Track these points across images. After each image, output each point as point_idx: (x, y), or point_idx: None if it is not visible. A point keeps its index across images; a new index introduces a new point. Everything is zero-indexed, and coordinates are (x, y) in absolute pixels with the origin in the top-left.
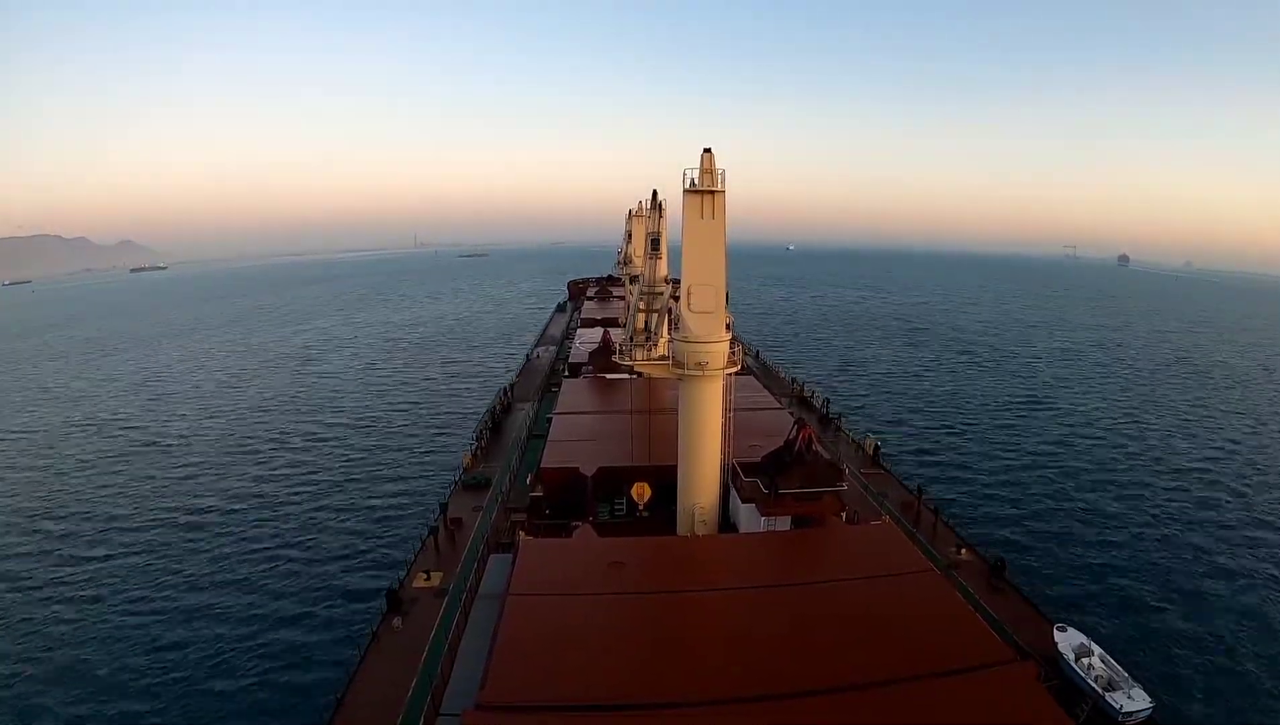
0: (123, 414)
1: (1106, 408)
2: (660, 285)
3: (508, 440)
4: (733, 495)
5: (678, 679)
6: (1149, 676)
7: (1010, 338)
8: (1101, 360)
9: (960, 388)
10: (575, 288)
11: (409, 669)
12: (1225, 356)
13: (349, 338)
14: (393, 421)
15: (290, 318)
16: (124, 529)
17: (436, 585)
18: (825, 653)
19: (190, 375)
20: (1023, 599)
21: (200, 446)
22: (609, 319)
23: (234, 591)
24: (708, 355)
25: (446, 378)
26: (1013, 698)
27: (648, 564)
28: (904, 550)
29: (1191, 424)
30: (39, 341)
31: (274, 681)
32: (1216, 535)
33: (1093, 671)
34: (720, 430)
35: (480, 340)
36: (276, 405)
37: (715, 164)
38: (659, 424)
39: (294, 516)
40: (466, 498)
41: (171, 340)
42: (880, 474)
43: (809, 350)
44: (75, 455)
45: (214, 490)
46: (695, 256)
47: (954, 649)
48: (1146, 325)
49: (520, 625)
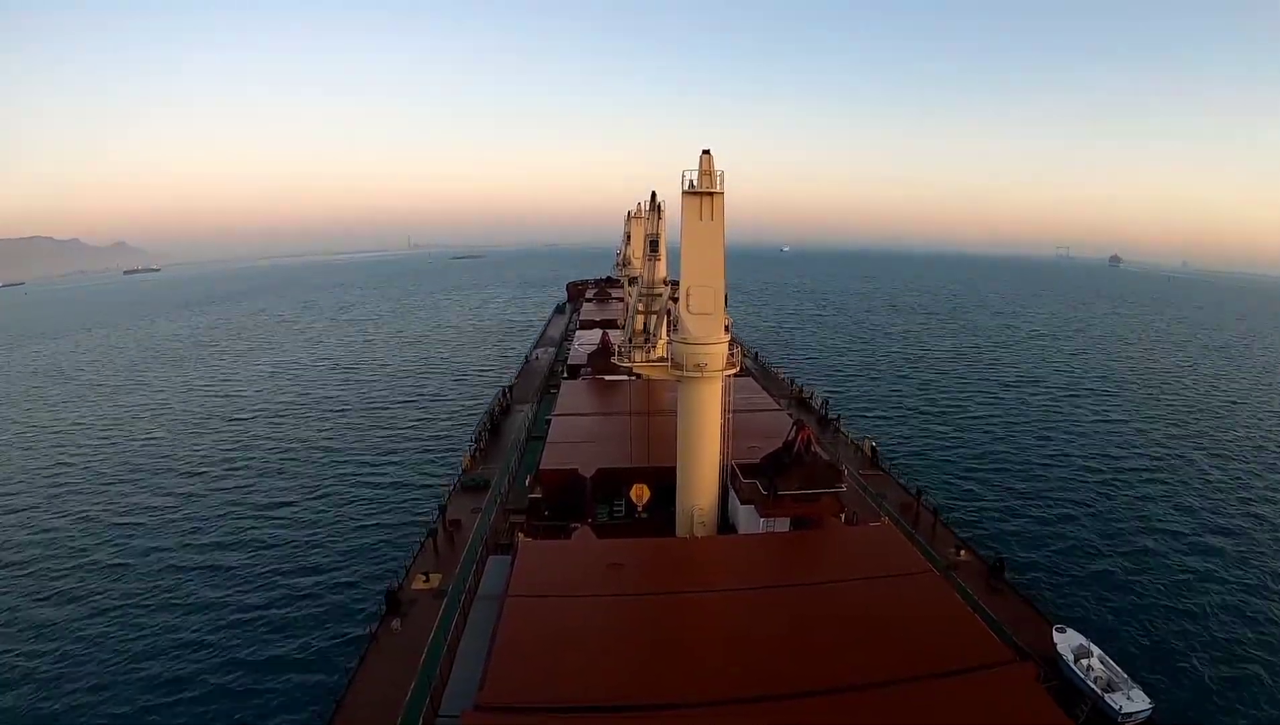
0: (122, 414)
1: (1106, 407)
2: (659, 287)
3: (506, 442)
4: (732, 496)
5: (677, 680)
6: (1149, 677)
7: (1009, 337)
8: (1101, 359)
9: (960, 388)
10: (574, 289)
11: (408, 670)
12: (1227, 355)
13: (348, 339)
14: (391, 423)
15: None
16: (123, 529)
17: (435, 587)
18: (824, 654)
19: (187, 376)
20: (1022, 600)
21: (199, 447)
22: (608, 320)
23: (233, 592)
24: (706, 357)
25: (446, 379)
26: (1012, 698)
27: (647, 565)
28: (903, 551)
29: (1191, 425)
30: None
31: (273, 682)
32: (1217, 535)
33: (1092, 672)
34: (719, 431)
35: (479, 340)
36: (276, 406)
37: (714, 165)
38: (658, 425)
39: (293, 518)
40: (465, 499)
41: (158, 357)
42: (879, 475)
43: (808, 352)
44: (73, 456)
45: (212, 491)
46: (694, 258)
47: (953, 650)
48: (1142, 325)
49: (519, 626)
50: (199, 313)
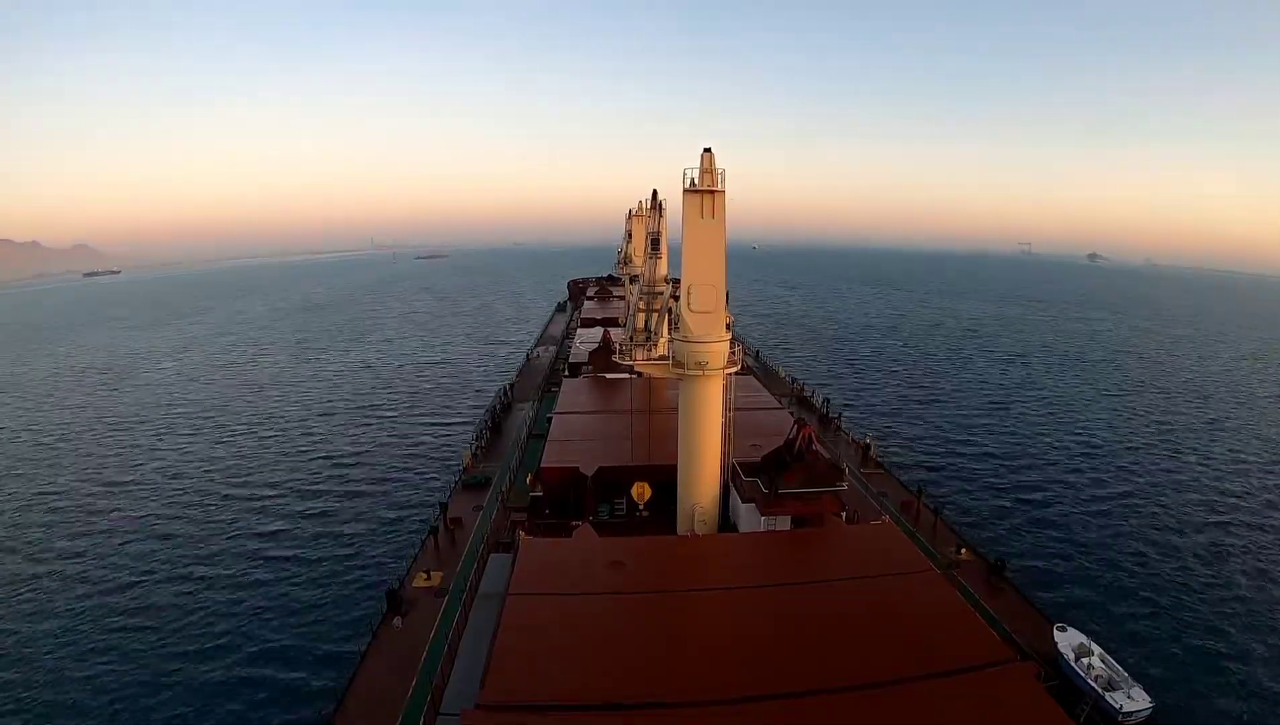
0: (121, 413)
1: (1105, 407)
2: (660, 285)
3: (507, 440)
4: (733, 495)
5: (677, 678)
6: (1149, 676)
7: (1007, 337)
8: (1100, 359)
9: (959, 388)
10: (575, 287)
11: (409, 668)
12: (1227, 356)
13: (347, 340)
14: (392, 422)
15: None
16: (122, 530)
17: (436, 585)
18: (825, 652)
19: (184, 378)
20: (1022, 599)
21: (198, 449)
22: (609, 319)
23: (234, 590)
24: (708, 355)
25: (446, 378)
26: (1012, 698)
27: (648, 564)
28: (904, 550)
29: (1190, 425)
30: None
31: (274, 681)
32: (1218, 535)
33: (1092, 671)
34: (720, 430)
35: (480, 341)
36: (275, 407)
37: (715, 164)
38: (659, 424)
39: (294, 517)
40: (466, 497)
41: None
42: (880, 474)
43: (805, 348)
44: (71, 457)
45: (211, 492)
46: (695, 256)
47: (954, 649)
48: (1129, 321)
49: (520, 625)
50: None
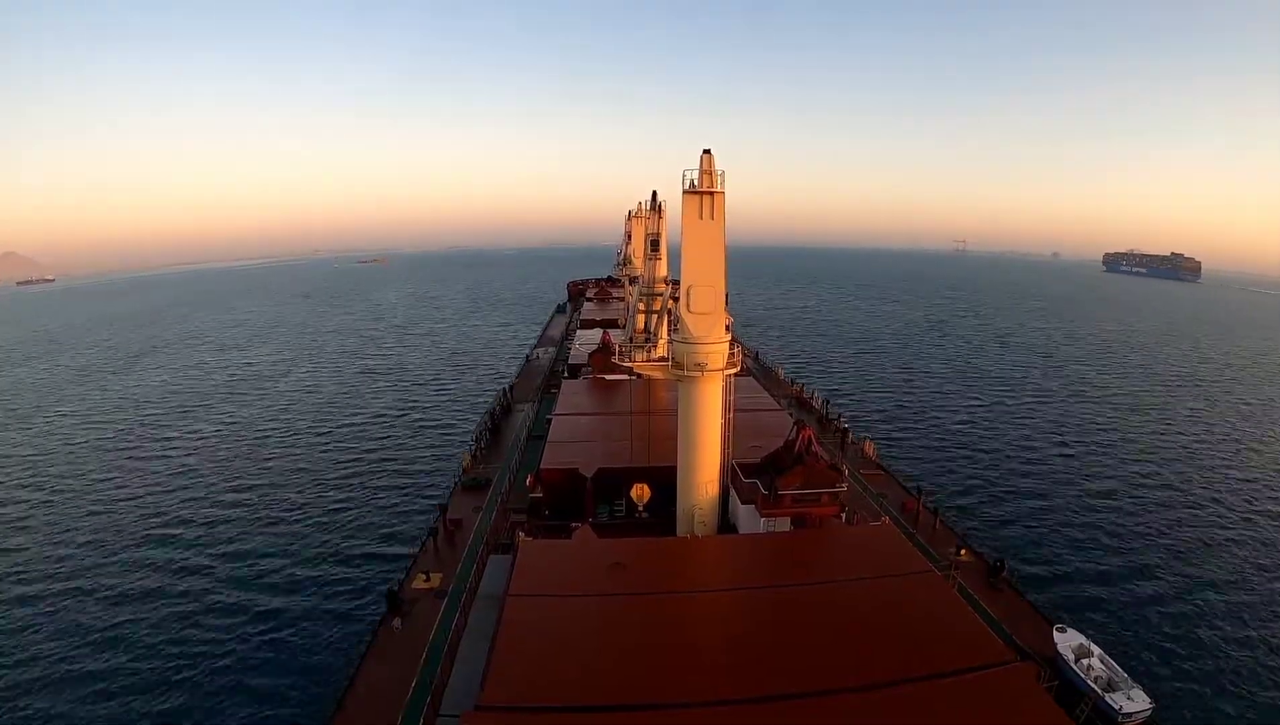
0: (119, 416)
1: (1105, 406)
2: (660, 286)
3: (507, 441)
4: (732, 496)
5: (677, 680)
6: (1149, 677)
7: (1003, 336)
8: (1099, 357)
9: (959, 388)
10: (574, 288)
11: (408, 670)
12: (1228, 357)
13: (346, 338)
14: (392, 423)
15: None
16: (121, 530)
17: (436, 586)
18: (825, 654)
19: (182, 379)
20: (1022, 599)
21: (198, 449)
22: (608, 320)
23: (233, 592)
24: (707, 356)
25: (445, 379)
26: (1012, 699)
27: (647, 565)
28: (903, 551)
29: (1190, 424)
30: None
31: (273, 682)
32: (1218, 535)
33: (1092, 672)
34: (720, 431)
35: (479, 339)
36: (274, 408)
37: (714, 165)
38: (658, 425)
39: (293, 518)
40: (466, 499)
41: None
42: (880, 475)
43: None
44: (63, 453)
45: (211, 492)
46: (694, 257)
47: (953, 650)
48: (1120, 322)
49: (520, 626)
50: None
